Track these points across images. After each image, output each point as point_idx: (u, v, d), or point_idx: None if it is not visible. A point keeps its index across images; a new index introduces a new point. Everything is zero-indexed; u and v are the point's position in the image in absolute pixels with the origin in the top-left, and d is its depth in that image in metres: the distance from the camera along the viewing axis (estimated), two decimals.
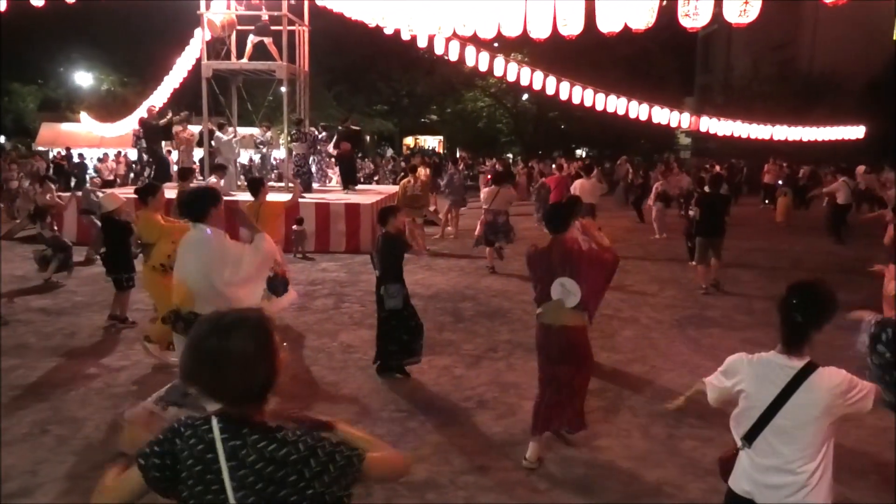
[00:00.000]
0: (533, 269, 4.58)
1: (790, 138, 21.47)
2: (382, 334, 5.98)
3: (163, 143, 15.12)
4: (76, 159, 24.56)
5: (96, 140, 25.02)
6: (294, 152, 13.75)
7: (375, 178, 25.74)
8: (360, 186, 16.47)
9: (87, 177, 19.91)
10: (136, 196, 6.77)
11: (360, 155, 23.99)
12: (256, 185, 7.85)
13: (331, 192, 14.44)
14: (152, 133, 13.91)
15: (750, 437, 2.45)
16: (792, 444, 2.40)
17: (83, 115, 25.33)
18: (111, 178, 21.65)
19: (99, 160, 23.70)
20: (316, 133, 14.94)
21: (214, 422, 1.59)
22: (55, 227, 9.72)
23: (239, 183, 14.34)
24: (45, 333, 7.09)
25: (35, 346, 6.65)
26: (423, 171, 13.47)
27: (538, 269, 4.51)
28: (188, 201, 4.29)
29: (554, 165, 18.14)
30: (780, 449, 2.40)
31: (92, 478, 4.13)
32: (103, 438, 4.69)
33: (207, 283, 3.99)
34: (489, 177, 14.03)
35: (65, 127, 28.94)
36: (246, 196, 10.78)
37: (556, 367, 4.51)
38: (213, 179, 12.00)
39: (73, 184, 21.13)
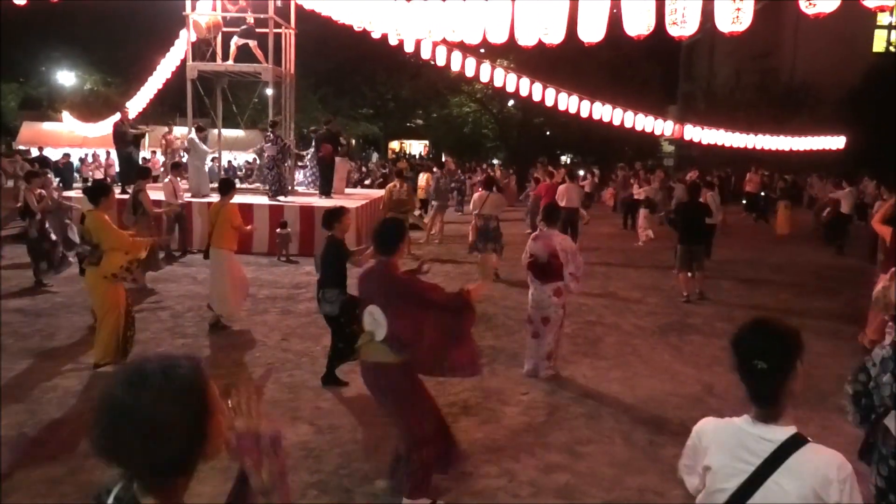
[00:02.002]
0: (359, 293, 3.98)
1: (772, 147, 21.73)
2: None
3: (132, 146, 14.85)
4: (59, 158, 24.06)
5: (78, 140, 24.77)
6: (266, 154, 13.66)
7: (367, 181, 25.59)
8: (348, 190, 16.35)
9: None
10: (84, 195, 6.63)
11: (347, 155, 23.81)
12: (225, 186, 7.70)
13: (314, 195, 14.36)
14: (121, 137, 13.75)
15: None
16: None
17: (65, 114, 25.07)
18: (102, 177, 21.33)
19: (80, 160, 23.44)
20: (286, 141, 14.61)
21: (111, 498, 1.32)
22: (44, 227, 9.45)
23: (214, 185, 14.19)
24: (23, 334, 7.00)
25: (12, 348, 6.55)
26: (425, 177, 13.42)
27: (361, 293, 3.94)
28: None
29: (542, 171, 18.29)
30: None
31: (67, 482, 4.09)
32: (80, 442, 4.62)
33: None
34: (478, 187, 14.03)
35: (46, 126, 28.63)
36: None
37: (388, 411, 3.99)
38: (167, 180, 11.92)
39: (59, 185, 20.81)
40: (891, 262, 7.01)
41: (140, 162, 14.92)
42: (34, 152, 24.05)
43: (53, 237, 9.32)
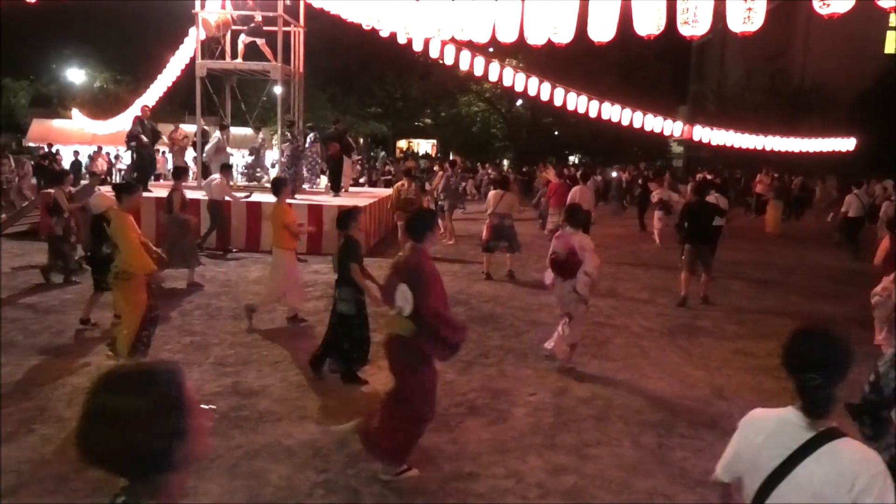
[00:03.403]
0: (391, 273, 4.30)
1: (782, 149, 21.64)
2: (328, 338, 5.97)
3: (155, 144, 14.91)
4: (70, 157, 24.15)
5: (88, 137, 24.89)
6: (285, 153, 13.76)
7: (361, 180, 25.58)
8: (353, 189, 16.39)
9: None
10: (113, 193, 6.59)
11: (359, 158, 23.89)
12: (276, 186, 7.86)
13: (321, 193, 14.38)
14: (134, 136, 13.81)
15: None
16: None
17: (75, 111, 25.19)
18: (102, 175, 21.45)
19: (89, 157, 23.53)
20: (305, 137, 14.70)
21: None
22: (69, 226, 9.44)
23: (233, 182, 14.23)
24: (32, 331, 7.02)
25: (22, 344, 6.58)
26: (439, 175, 13.50)
27: (393, 274, 4.25)
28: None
29: (552, 171, 18.32)
30: None
31: (77, 478, 4.09)
32: None
33: None
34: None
35: (56, 123, 28.78)
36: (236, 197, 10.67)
37: (397, 380, 4.28)
38: (217, 177, 11.77)
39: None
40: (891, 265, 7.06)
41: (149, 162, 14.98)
42: (63, 150, 24.29)
43: (73, 239, 9.33)
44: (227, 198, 11.61)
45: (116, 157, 25.82)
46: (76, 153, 23.94)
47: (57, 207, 9.18)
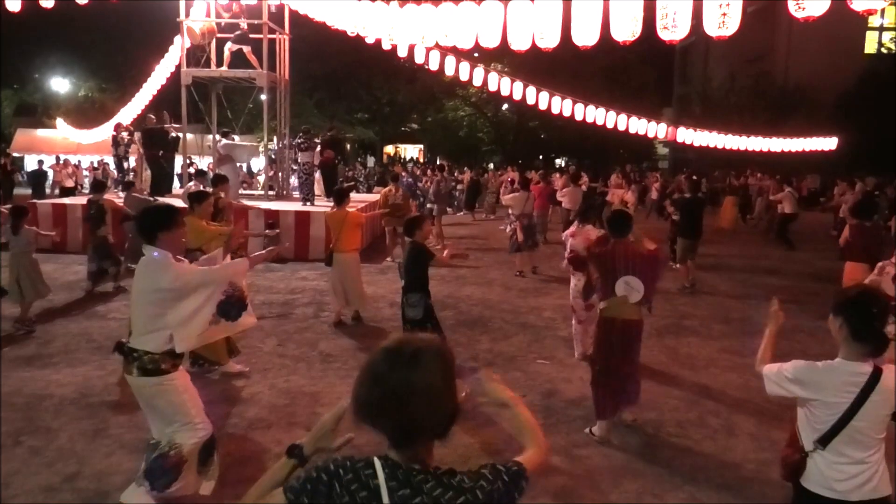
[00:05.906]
0: (603, 266, 5.10)
1: (765, 149, 21.86)
2: None
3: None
4: (34, 166, 23.81)
5: (73, 146, 24.73)
6: (301, 161, 13.82)
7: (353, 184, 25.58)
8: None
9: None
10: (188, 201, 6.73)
11: (340, 161, 23.85)
12: (340, 196, 8.15)
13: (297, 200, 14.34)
14: (151, 140, 13.81)
15: (825, 440, 2.63)
16: (865, 440, 2.62)
17: (59, 121, 25.05)
18: (71, 184, 21.35)
19: (52, 167, 23.26)
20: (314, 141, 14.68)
21: (378, 466, 1.51)
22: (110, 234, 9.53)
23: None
24: (19, 342, 6.98)
25: (8, 355, 6.54)
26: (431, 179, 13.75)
27: (605, 266, 5.06)
28: (141, 219, 3.81)
29: (537, 173, 18.75)
30: (855, 447, 2.61)
31: (65, 489, 4.08)
32: (77, 449, 4.62)
33: (144, 312, 3.62)
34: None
35: (41, 133, 28.59)
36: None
37: (618, 357, 5.02)
38: (192, 185, 11.78)
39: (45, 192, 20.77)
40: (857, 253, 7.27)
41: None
42: (28, 158, 23.94)
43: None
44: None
45: (101, 162, 25.57)
46: (40, 162, 23.67)
47: (100, 216, 9.30)
